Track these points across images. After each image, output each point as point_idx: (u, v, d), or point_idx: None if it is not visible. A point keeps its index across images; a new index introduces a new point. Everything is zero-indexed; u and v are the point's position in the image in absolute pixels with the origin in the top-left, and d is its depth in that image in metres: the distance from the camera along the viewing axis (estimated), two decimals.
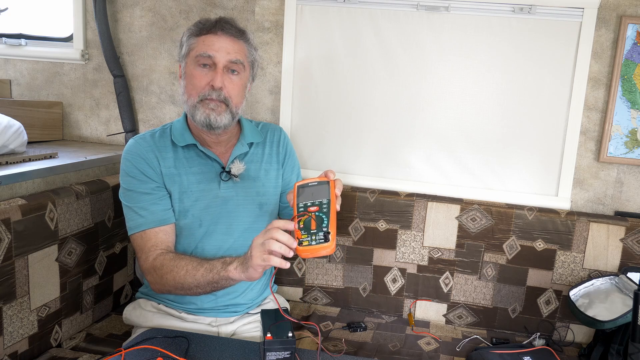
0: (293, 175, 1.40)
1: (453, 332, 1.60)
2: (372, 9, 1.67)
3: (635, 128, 1.59)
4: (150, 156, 1.23)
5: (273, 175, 1.34)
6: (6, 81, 1.99)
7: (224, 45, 1.17)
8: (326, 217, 0.91)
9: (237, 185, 1.27)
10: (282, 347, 0.97)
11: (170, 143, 1.26)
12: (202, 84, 1.17)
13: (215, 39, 1.17)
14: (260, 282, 1.35)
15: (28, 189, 1.31)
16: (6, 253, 1.13)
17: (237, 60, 1.18)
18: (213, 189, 1.25)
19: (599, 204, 1.66)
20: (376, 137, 1.74)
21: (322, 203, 0.93)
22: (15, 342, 1.17)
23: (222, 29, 1.17)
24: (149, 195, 1.20)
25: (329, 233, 0.89)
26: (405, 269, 1.65)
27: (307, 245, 0.89)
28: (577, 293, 1.43)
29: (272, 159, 1.35)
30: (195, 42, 1.18)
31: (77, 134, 1.98)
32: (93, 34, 1.89)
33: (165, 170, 1.23)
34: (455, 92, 1.67)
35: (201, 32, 1.18)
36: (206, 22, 1.19)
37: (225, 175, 1.25)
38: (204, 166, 1.26)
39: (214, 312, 1.28)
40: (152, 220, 1.19)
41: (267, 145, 1.36)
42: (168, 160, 1.24)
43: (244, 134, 1.31)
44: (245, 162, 1.29)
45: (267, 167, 1.33)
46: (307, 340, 1.42)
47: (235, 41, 1.19)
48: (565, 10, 1.57)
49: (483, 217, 1.59)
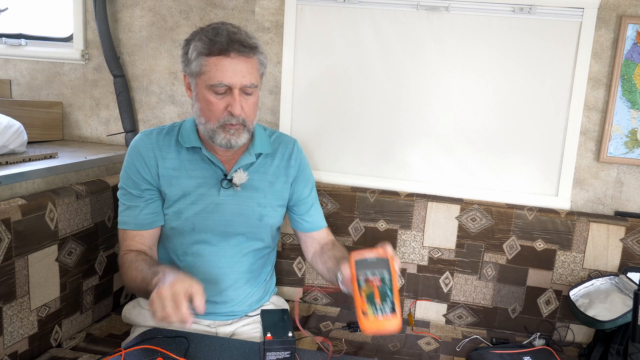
0: (306, 189, 1.35)
1: (453, 332, 1.60)
2: (372, 9, 1.67)
3: (635, 128, 1.59)
4: (149, 155, 1.22)
5: (278, 188, 1.29)
6: (6, 81, 1.99)
7: (238, 69, 1.11)
8: (390, 292, 0.89)
9: (238, 194, 1.24)
10: (282, 347, 0.97)
11: (175, 142, 1.24)
12: (219, 110, 1.13)
13: (229, 62, 1.10)
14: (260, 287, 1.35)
15: (28, 189, 1.31)
16: (6, 253, 1.13)
17: (252, 84, 1.13)
18: (212, 194, 1.23)
19: (599, 204, 1.66)
20: (376, 137, 1.74)
21: (384, 277, 0.91)
22: (15, 342, 1.18)
23: (235, 50, 1.10)
24: (138, 198, 1.22)
25: (395, 305, 0.87)
26: (405, 269, 1.65)
27: (373, 315, 0.86)
28: (577, 293, 1.43)
29: (280, 171, 1.30)
30: (207, 65, 1.11)
31: (77, 134, 1.99)
32: (93, 34, 1.89)
33: (163, 171, 1.22)
34: (455, 92, 1.67)
35: (212, 52, 1.10)
36: (216, 40, 1.10)
37: (227, 183, 1.23)
38: (206, 171, 1.23)
39: (211, 316, 1.27)
40: (133, 223, 1.22)
41: (277, 158, 1.30)
42: (169, 161, 1.22)
43: (253, 143, 1.26)
44: (251, 172, 1.26)
45: (273, 179, 1.29)
46: (307, 340, 1.42)
47: (249, 60, 1.12)
48: (565, 10, 1.57)
49: (483, 217, 1.59)
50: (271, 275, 1.42)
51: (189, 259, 1.24)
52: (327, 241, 1.37)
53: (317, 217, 1.38)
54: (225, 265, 1.25)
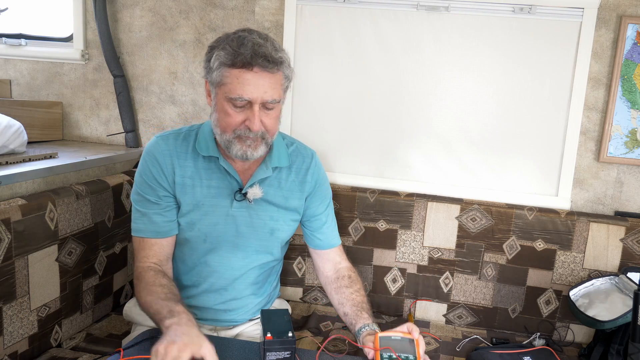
0: (322, 205, 1.30)
1: (453, 332, 1.60)
2: (372, 9, 1.67)
3: (635, 128, 1.59)
4: (166, 161, 1.17)
5: (293, 203, 1.25)
6: (6, 81, 1.99)
7: (260, 83, 1.05)
8: None
9: (250, 207, 1.21)
10: (282, 347, 0.97)
11: (192, 149, 1.19)
12: (237, 122, 1.09)
13: (251, 76, 1.05)
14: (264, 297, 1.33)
15: (28, 189, 1.31)
16: (6, 253, 1.13)
17: (274, 100, 1.08)
18: (225, 206, 1.19)
19: (599, 204, 1.66)
20: (376, 137, 1.74)
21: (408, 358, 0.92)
22: (15, 342, 1.17)
23: (259, 65, 1.04)
24: (155, 204, 1.18)
25: None
26: (405, 269, 1.65)
27: None
28: (577, 293, 1.43)
29: (295, 186, 1.25)
30: (228, 77, 1.06)
31: (77, 134, 1.98)
32: (93, 34, 1.89)
33: (179, 180, 1.18)
34: (455, 92, 1.67)
35: (235, 64, 1.05)
36: (240, 52, 1.04)
37: (240, 196, 1.20)
38: (222, 181, 1.19)
39: (214, 323, 1.27)
40: (151, 230, 1.18)
41: (294, 172, 1.26)
42: (186, 169, 1.18)
43: (271, 156, 1.21)
44: (266, 185, 1.22)
45: (288, 194, 1.25)
46: (307, 340, 1.42)
47: (273, 76, 1.07)
48: (565, 10, 1.57)
49: (483, 217, 1.59)
50: (276, 284, 1.40)
51: (198, 269, 1.23)
52: (343, 272, 1.30)
53: (330, 235, 1.33)
54: (232, 276, 1.24)
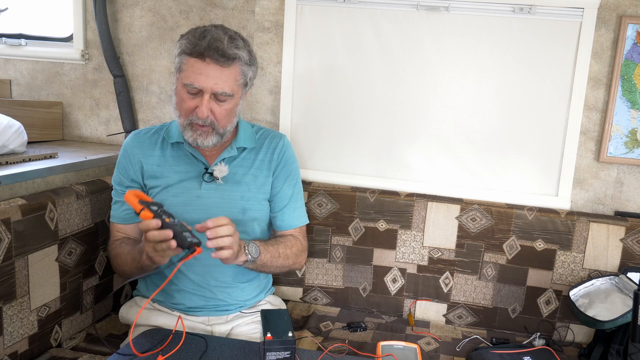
0: (286, 185, 1.35)
1: (453, 332, 1.60)
2: (372, 9, 1.67)
3: (635, 128, 1.59)
4: (135, 152, 1.29)
5: (261, 181, 1.32)
6: (6, 81, 1.99)
7: (211, 74, 1.14)
8: None
9: (220, 187, 1.27)
10: (282, 347, 0.97)
11: (162, 140, 1.30)
12: (189, 108, 1.18)
13: (203, 66, 1.13)
14: (252, 284, 1.34)
15: (28, 189, 1.31)
16: (6, 253, 1.13)
17: (224, 92, 1.15)
18: (194, 188, 1.26)
19: (599, 204, 1.66)
20: (376, 137, 1.74)
21: None
22: (15, 342, 1.18)
23: (210, 57, 1.13)
24: (122, 194, 1.28)
25: None
26: (405, 269, 1.65)
27: None
28: (577, 293, 1.43)
29: (263, 165, 1.33)
30: (185, 63, 1.15)
31: (77, 134, 1.99)
32: (93, 34, 1.89)
33: (149, 168, 1.28)
34: (455, 92, 1.67)
35: (192, 53, 1.14)
36: (199, 41, 1.13)
37: (208, 176, 1.26)
38: (189, 165, 1.28)
39: (205, 312, 1.28)
40: (119, 217, 1.30)
41: (262, 152, 1.33)
42: (153, 158, 1.28)
43: (237, 138, 1.30)
44: (234, 166, 1.29)
45: (257, 172, 1.31)
46: (307, 340, 1.42)
47: (224, 69, 1.15)
48: (565, 10, 1.57)
49: (483, 217, 1.59)
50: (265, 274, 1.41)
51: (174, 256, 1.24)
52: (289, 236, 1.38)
53: (289, 217, 1.37)
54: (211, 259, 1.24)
